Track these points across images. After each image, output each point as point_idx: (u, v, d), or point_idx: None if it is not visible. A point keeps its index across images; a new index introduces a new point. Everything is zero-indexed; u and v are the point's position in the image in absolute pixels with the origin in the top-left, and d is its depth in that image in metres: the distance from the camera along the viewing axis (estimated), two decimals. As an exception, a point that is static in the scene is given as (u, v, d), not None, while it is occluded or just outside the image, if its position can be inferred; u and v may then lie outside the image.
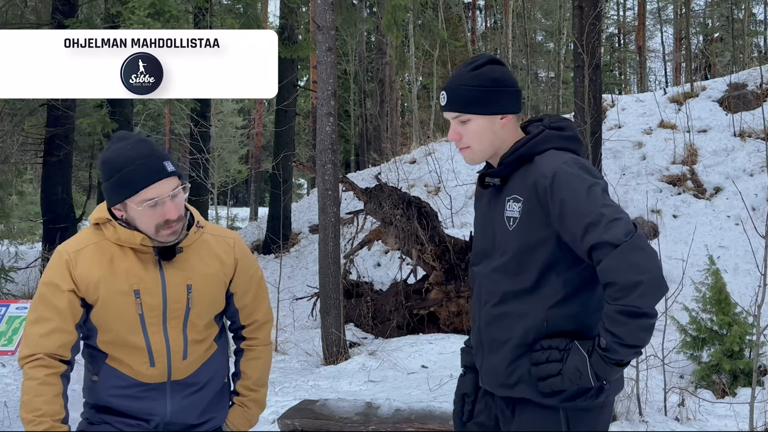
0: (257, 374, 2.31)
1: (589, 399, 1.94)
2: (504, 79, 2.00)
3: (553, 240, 1.90)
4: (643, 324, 1.78)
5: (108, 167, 2.03)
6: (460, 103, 2.00)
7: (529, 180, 1.93)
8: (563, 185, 1.86)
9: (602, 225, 1.79)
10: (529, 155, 1.97)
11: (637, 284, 1.75)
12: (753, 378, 4.33)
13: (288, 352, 7.85)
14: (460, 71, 2.04)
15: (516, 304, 1.96)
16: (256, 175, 27.74)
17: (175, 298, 2.07)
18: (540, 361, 1.90)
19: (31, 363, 1.99)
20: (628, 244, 1.77)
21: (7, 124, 11.32)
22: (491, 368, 2.02)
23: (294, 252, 13.06)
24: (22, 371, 2.02)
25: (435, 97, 22.53)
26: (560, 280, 1.92)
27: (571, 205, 1.84)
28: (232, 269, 2.20)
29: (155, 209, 2.00)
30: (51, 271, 2.05)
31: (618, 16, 33.96)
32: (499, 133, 2.01)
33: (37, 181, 17.32)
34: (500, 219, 2.00)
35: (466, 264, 7.96)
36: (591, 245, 1.80)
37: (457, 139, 2.03)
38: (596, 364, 1.83)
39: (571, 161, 1.92)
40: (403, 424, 4.26)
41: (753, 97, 11.83)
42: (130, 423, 2.08)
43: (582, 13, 8.28)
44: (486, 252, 2.06)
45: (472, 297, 2.15)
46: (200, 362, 2.14)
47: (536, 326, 1.93)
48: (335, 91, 7.31)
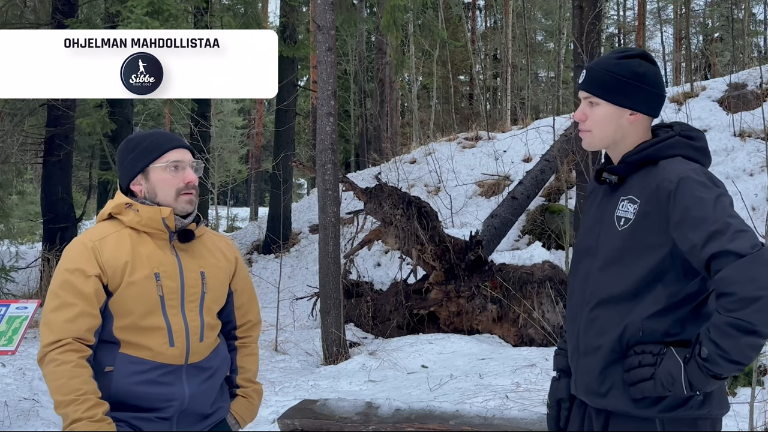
0: (254, 367, 2.42)
1: (690, 409, 1.84)
2: (648, 77, 1.95)
3: (666, 248, 1.83)
4: (753, 342, 1.68)
5: (132, 142, 2.21)
6: (594, 85, 1.97)
7: (652, 183, 1.86)
8: (689, 192, 1.78)
9: (728, 234, 1.71)
10: (655, 158, 1.91)
11: (756, 299, 1.65)
12: (753, 378, 4.32)
13: (288, 352, 7.84)
14: (607, 55, 2.02)
15: (614, 308, 1.89)
16: (256, 175, 27.76)
17: (191, 283, 2.16)
18: (633, 366, 1.83)
19: (60, 348, 1.99)
20: (753, 257, 1.68)
21: (7, 124, 11.32)
22: (584, 374, 1.96)
23: (294, 252, 13.06)
24: (48, 357, 2.01)
25: (435, 97, 22.54)
26: (666, 291, 1.84)
27: (695, 213, 1.76)
28: (234, 266, 2.33)
29: (177, 173, 2.15)
30: (74, 258, 2.08)
31: (618, 16, 33.97)
32: (625, 127, 1.96)
33: (37, 181, 17.31)
34: (610, 218, 1.94)
35: (465, 264, 7.96)
36: (713, 253, 1.71)
37: (582, 119, 2.00)
38: (692, 372, 1.74)
39: (699, 170, 1.85)
40: (403, 424, 4.26)
41: (753, 97, 11.83)
42: (146, 417, 2.08)
43: (582, 13, 8.29)
44: (589, 250, 2.00)
45: (569, 297, 2.08)
46: (212, 348, 2.21)
47: (631, 334, 1.86)
48: (335, 91, 7.32)
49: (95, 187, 17.27)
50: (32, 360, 7.16)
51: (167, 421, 2.11)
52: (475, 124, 17.00)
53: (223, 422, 2.27)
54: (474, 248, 8.01)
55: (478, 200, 12.30)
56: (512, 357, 6.50)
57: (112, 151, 11.43)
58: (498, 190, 12.16)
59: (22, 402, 5.59)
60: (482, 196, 12.38)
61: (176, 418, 2.13)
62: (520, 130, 14.10)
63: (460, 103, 27.63)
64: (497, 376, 5.85)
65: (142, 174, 2.17)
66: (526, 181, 10.49)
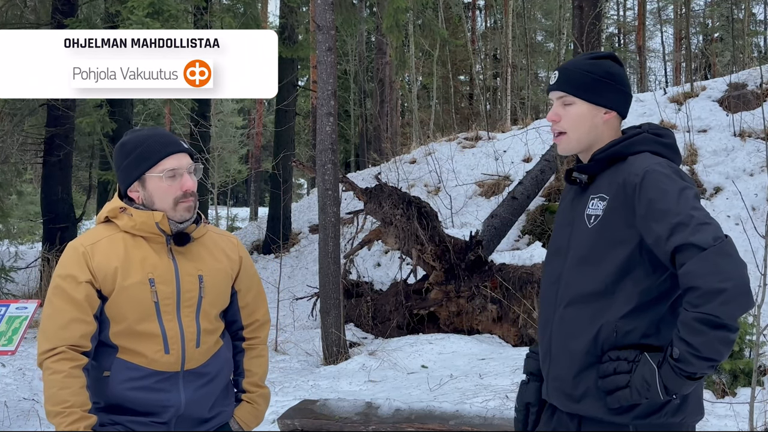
0: (262, 370, 2.36)
1: (664, 417, 1.82)
2: (619, 77, 1.98)
3: (634, 242, 1.82)
4: (722, 336, 1.66)
5: (127, 147, 2.13)
6: (569, 84, 1.97)
7: (619, 178, 1.87)
8: (654, 184, 1.80)
9: (691, 227, 1.71)
10: (623, 154, 1.92)
11: (720, 291, 1.64)
12: (753, 378, 4.32)
13: (288, 352, 7.84)
14: (578, 58, 2.04)
15: (586, 308, 1.87)
16: (256, 175, 27.75)
17: (187, 287, 2.12)
18: (608, 373, 1.81)
19: (54, 357, 2.00)
20: (715, 249, 1.67)
21: (7, 124, 11.31)
22: (557, 377, 1.94)
23: (294, 252, 13.06)
24: (43, 365, 2.02)
25: (435, 97, 22.54)
26: (636, 289, 1.82)
27: (659, 205, 1.76)
28: (238, 266, 2.28)
29: (174, 180, 2.09)
30: (66, 264, 2.08)
31: (618, 16, 33.98)
32: (599, 126, 1.97)
33: (37, 181, 17.32)
34: (580, 217, 1.94)
35: (465, 264, 7.96)
36: (676, 246, 1.71)
37: (556, 120, 1.99)
38: (666, 375, 1.72)
39: (664, 163, 1.86)
40: (403, 424, 4.26)
41: (753, 97, 11.82)
42: (143, 421, 2.08)
43: (582, 13, 8.29)
44: (559, 251, 2.00)
45: (540, 301, 2.08)
46: (210, 353, 2.17)
47: (605, 336, 1.83)
48: (335, 91, 7.31)
49: (95, 187, 17.28)
50: (32, 360, 7.16)
51: (164, 425, 2.10)
52: (475, 124, 16.99)
53: (225, 426, 2.25)
54: (474, 248, 8.01)
55: (478, 200, 12.29)
56: (512, 357, 6.50)
57: (111, 150, 11.40)
58: (498, 190, 12.16)
59: (22, 402, 5.59)
60: (482, 196, 12.38)
61: (173, 423, 2.12)
62: (520, 130, 14.09)
63: (460, 103, 27.63)
64: (497, 376, 5.85)
65: (139, 182, 2.12)
66: (526, 181, 10.49)
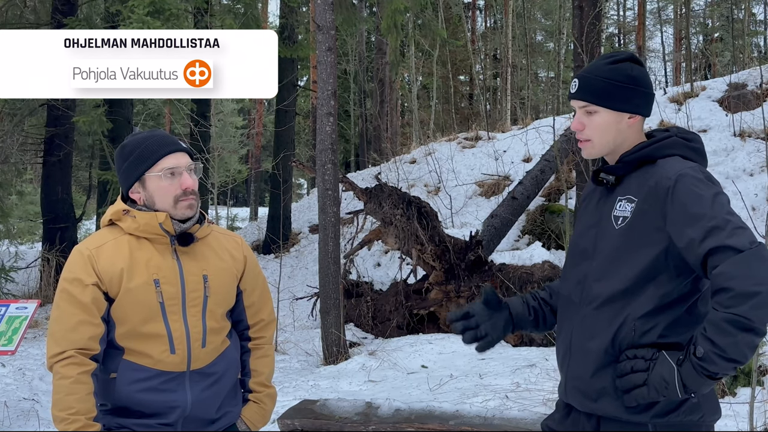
0: (268, 370, 2.38)
1: (682, 414, 1.81)
2: (640, 79, 1.95)
3: (661, 246, 1.81)
4: (750, 340, 1.64)
5: (126, 150, 2.16)
6: (591, 93, 1.95)
7: (650, 180, 1.85)
8: (687, 189, 1.77)
9: (727, 230, 1.69)
10: (653, 157, 1.90)
11: (753, 294, 1.62)
12: (753, 378, 4.32)
13: (288, 352, 7.85)
14: (597, 62, 2.00)
15: (608, 308, 1.87)
16: (256, 175, 27.73)
17: (192, 287, 2.13)
18: (625, 372, 1.81)
19: (63, 361, 2.01)
20: (752, 252, 1.66)
21: (7, 124, 11.32)
22: (576, 376, 1.94)
23: (294, 252, 13.06)
24: (53, 369, 2.04)
25: (435, 97, 22.54)
26: (658, 292, 1.82)
27: (694, 209, 1.75)
28: (242, 265, 2.29)
29: (174, 179, 2.12)
30: (72, 268, 2.09)
31: (618, 16, 33.96)
32: (624, 132, 1.95)
33: (37, 181, 17.33)
34: (607, 218, 1.92)
35: (465, 264, 7.96)
36: (710, 248, 1.69)
37: (580, 129, 1.98)
38: (687, 374, 1.71)
39: (697, 168, 1.84)
40: (403, 424, 4.25)
41: (753, 97, 11.82)
42: (150, 424, 2.09)
43: (582, 13, 8.28)
44: (585, 253, 1.97)
45: (560, 300, 2.06)
46: (217, 353, 2.18)
47: (624, 335, 1.84)
48: (335, 91, 7.31)
49: (95, 187, 17.27)
50: (32, 360, 7.16)
51: (170, 426, 2.11)
52: (475, 124, 16.99)
53: (232, 426, 2.26)
54: (474, 248, 8.01)
55: (478, 200, 12.29)
56: (512, 357, 6.50)
57: (111, 150, 11.42)
58: (498, 190, 12.16)
59: (22, 402, 5.59)
60: (482, 196, 12.38)
61: (180, 424, 2.12)
62: (520, 130, 14.09)
63: (460, 103, 27.62)
64: (497, 376, 5.85)
65: (139, 182, 2.14)
66: (526, 181, 10.49)
